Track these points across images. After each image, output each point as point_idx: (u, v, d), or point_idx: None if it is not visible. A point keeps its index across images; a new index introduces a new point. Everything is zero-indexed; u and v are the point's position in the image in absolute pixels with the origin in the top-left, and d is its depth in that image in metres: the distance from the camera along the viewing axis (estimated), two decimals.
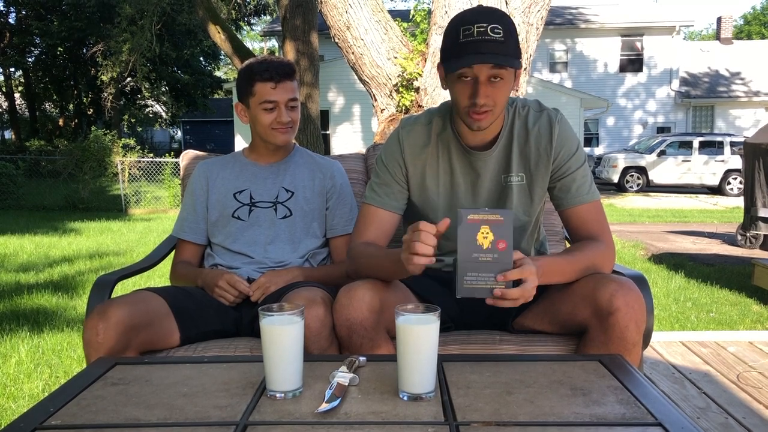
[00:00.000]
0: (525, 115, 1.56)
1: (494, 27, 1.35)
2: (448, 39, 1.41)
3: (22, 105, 29.78)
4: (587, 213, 1.54)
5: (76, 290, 4.71)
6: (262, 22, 28.28)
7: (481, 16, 1.37)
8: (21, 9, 24.85)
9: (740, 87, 23.59)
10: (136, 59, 15.75)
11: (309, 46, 7.68)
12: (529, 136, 1.55)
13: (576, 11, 23.41)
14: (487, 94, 1.39)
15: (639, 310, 1.34)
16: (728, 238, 7.69)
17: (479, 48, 1.35)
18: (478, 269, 1.22)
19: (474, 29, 1.35)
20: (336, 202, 1.92)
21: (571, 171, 1.54)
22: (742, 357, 2.91)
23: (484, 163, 1.56)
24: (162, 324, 1.55)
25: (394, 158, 1.59)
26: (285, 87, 1.81)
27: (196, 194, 1.93)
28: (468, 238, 1.20)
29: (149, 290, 1.61)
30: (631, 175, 16.70)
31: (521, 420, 0.99)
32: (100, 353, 1.39)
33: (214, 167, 1.95)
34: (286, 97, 1.81)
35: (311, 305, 1.46)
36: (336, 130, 18.74)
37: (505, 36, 1.36)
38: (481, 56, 1.35)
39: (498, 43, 1.35)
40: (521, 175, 1.57)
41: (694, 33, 47.41)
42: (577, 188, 1.54)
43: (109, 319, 1.41)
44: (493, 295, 1.22)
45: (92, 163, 13.07)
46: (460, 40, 1.36)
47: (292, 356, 1.10)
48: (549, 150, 1.54)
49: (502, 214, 1.20)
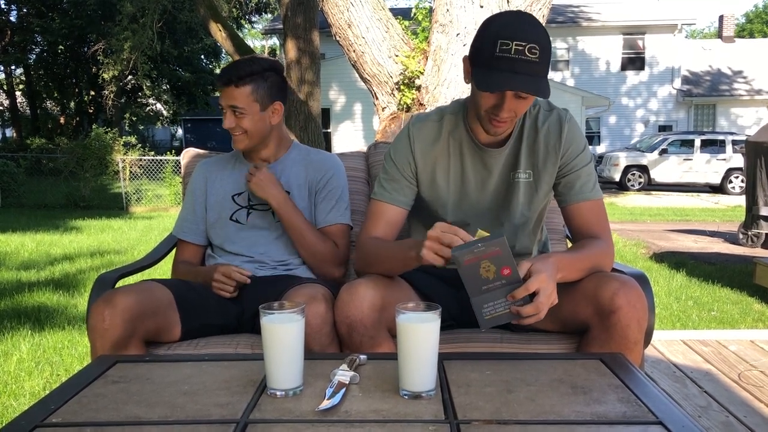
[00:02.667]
0: (535, 114, 1.58)
1: (532, 47, 1.33)
2: (484, 45, 1.37)
3: (23, 103, 29.79)
4: (590, 211, 1.54)
5: (77, 288, 4.72)
6: (263, 20, 28.28)
7: (521, 32, 1.34)
8: (22, 7, 24.86)
9: (742, 85, 23.55)
10: (137, 57, 15.74)
11: (310, 44, 7.67)
12: (538, 134, 1.57)
13: (578, 9, 23.37)
14: (511, 108, 1.41)
15: (641, 308, 1.34)
16: (730, 237, 7.68)
17: (514, 67, 1.33)
18: (492, 299, 1.22)
19: (512, 46, 1.33)
20: (322, 196, 1.88)
21: (576, 168, 1.55)
22: (743, 356, 2.90)
23: (496, 161, 1.58)
24: (166, 314, 1.56)
25: (403, 154, 1.60)
26: (227, 93, 1.78)
27: (196, 195, 1.92)
28: (472, 277, 1.20)
29: (155, 281, 1.62)
30: (633, 174, 16.68)
31: (522, 418, 0.98)
32: (106, 340, 1.39)
33: (214, 167, 1.94)
34: (227, 104, 1.79)
35: (312, 302, 1.47)
36: (337, 129, 18.74)
37: (541, 56, 1.34)
38: (513, 79, 1.33)
39: (533, 63, 1.34)
40: (528, 172, 1.58)
41: (696, 31, 47.35)
42: (581, 185, 1.55)
43: (116, 306, 1.41)
44: (515, 315, 1.23)
45: (93, 161, 13.08)
46: (496, 53, 1.34)
47: (293, 354, 1.10)
48: (557, 148, 1.55)
49: (497, 245, 1.17)
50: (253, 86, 1.79)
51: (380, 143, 2.28)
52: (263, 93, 1.80)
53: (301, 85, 7.62)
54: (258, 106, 1.80)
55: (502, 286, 1.21)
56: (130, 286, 1.53)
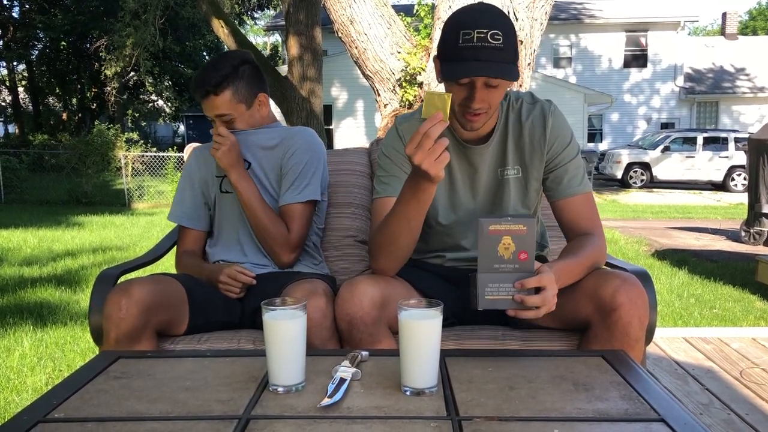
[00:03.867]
0: (518, 108, 1.57)
1: (494, 33, 1.34)
2: (448, 38, 1.39)
3: (25, 99, 29.83)
4: (580, 205, 1.53)
5: (80, 284, 4.72)
6: (265, 16, 28.28)
7: (481, 20, 1.35)
8: (24, 3, 24.88)
9: (745, 83, 23.49)
10: (139, 53, 15.72)
11: (312, 40, 7.66)
12: (523, 128, 1.56)
13: (581, 6, 23.33)
14: (483, 98, 1.40)
15: (642, 306, 1.34)
16: (732, 235, 7.67)
17: (478, 55, 1.34)
18: (499, 281, 1.19)
19: (474, 35, 1.34)
20: (284, 173, 1.81)
21: (564, 162, 1.54)
22: (745, 353, 2.90)
23: (481, 157, 1.57)
24: (178, 308, 1.57)
25: (396, 149, 1.59)
26: (209, 104, 1.75)
27: (192, 179, 1.90)
28: (489, 249, 1.18)
29: (168, 275, 1.63)
30: (635, 171, 16.66)
31: (523, 415, 0.98)
32: (121, 329, 1.40)
33: (205, 150, 1.92)
34: (212, 114, 1.77)
35: (312, 297, 1.47)
36: (339, 125, 18.73)
37: (505, 41, 1.35)
38: (479, 65, 1.34)
39: (497, 50, 1.34)
40: (517, 168, 1.58)
41: (699, 28, 47.27)
42: (569, 180, 1.53)
43: (132, 296, 1.42)
44: (516, 304, 1.21)
45: (95, 157, 13.09)
46: (459, 44, 1.36)
47: (295, 351, 1.10)
48: (543, 142, 1.54)
49: (525, 224, 1.16)
50: (232, 89, 1.75)
51: (382, 140, 2.28)
52: (244, 91, 1.77)
53: (303, 81, 7.61)
54: (243, 105, 1.78)
55: (513, 270, 1.19)
56: (146, 277, 1.54)
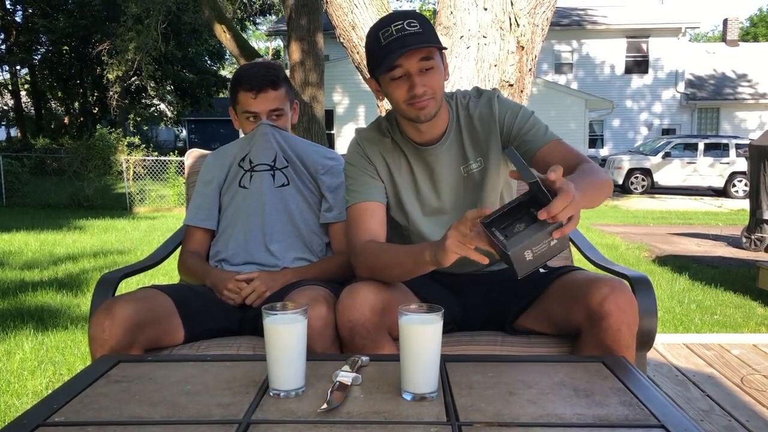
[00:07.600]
0: (466, 104, 1.60)
1: (410, 21, 1.42)
2: (372, 48, 1.46)
3: (27, 103, 29.89)
4: (554, 149, 1.49)
5: (80, 288, 4.73)
6: (267, 21, 28.33)
7: (394, 16, 1.44)
8: (27, 7, 24.95)
9: (746, 89, 23.52)
10: (141, 58, 15.80)
11: (314, 45, 7.68)
12: (473, 120, 1.58)
13: (582, 12, 23.38)
14: (423, 83, 1.43)
15: (631, 312, 1.34)
16: (733, 241, 7.67)
17: (403, 43, 1.40)
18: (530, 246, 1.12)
19: (392, 29, 1.41)
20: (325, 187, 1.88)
21: (520, 126, 1.54)
22: (746, 360, 2.90)
23: (437, 157, 1.58)
24: (167, 322, 1.54)
25: (360, 161, 1.60)
26: (266, 97, 1.78)
27: (211, 181, 1.90)
28: None
29: (155, 287, 1.61)
30: (636, 177, 16.66)
31: (524, 421, 0.98)
32: (105, 350, 1.39)
33: (221, 152, 1.95)
34: (267, 108, 1.79)
35: (314, 304, 1.46)
36: (341, 131, 18.76)
37: (422, 27, 1.42)
38: (404, 49, 1.39)
39: (417, 34, 1.41)
40: (480, 160, 1.59)
41: (700, 35, 47.28)
42: (533, 134, 1.52)
43: (116, 316, 1.40)
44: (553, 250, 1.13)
45: (97, 161, 13.14)
46: (382, 44, 1.41)
47: (295, 355, 1.10)
48: (493, 122, 1.56)
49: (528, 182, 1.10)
50: (285, 86, 1.86)
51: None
52: (290, 93, 1.89)
53: (305, 86, 7.63)
54: (289, 104, 1.87)
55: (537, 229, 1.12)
56: (130, 294, 1.52)
